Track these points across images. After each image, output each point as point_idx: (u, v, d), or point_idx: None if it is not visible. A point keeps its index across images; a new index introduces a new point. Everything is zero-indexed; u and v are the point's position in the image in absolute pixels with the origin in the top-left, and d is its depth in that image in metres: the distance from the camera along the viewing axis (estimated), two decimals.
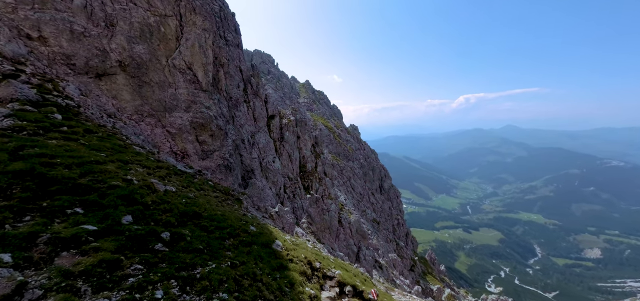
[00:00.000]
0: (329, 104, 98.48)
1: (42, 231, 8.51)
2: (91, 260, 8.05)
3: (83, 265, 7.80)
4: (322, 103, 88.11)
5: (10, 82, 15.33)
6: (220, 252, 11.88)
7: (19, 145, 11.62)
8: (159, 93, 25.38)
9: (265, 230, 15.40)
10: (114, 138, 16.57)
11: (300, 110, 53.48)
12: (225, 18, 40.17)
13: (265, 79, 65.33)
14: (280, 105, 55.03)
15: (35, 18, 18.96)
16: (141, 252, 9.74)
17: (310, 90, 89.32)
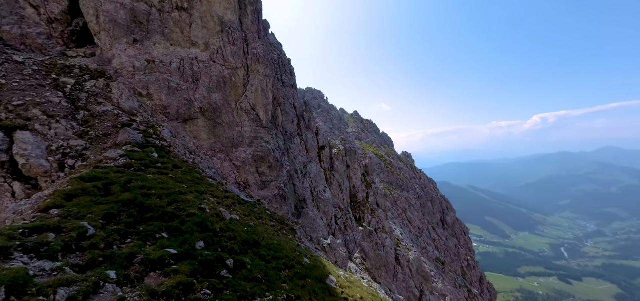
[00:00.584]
0: (379, 132, 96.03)
1: (138, 253, 9.99)
2: (171, 282, 9.01)
3: (165, 286, 8.77)
4: (371, 131, 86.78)
5: (126, 130, 19.43)
6: (276, 284, 12.00)
7: (128, 179, 14.34)
8: (228, 132, 28.79)
9: (319, 263, 15.08)
10: (193, 172, 19.11)
11: (349, 139, 53.65)
12: (282, 64, 44.61)
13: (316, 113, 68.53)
14: (330, 136, 56.44)
15: (145, 80, 24.20)
16: (210, 277, 10.52)
17: (358, 120, 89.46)
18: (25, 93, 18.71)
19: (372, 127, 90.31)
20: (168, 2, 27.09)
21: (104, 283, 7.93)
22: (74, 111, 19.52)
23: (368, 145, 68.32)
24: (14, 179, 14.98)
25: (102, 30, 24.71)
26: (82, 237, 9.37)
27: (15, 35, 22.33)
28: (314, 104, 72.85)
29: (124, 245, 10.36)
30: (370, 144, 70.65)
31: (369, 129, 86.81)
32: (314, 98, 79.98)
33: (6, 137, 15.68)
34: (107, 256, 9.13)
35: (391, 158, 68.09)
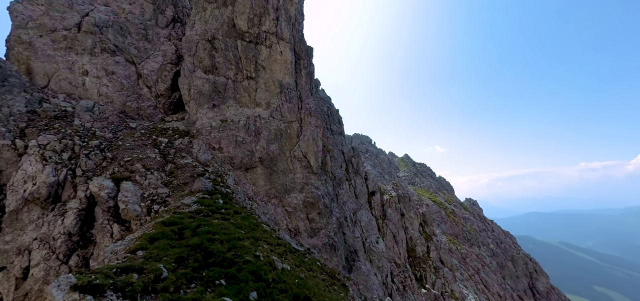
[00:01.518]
0: (434, 176, 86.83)
1: (200, 299, 10.26)
2: None
3: None
4: (426, 175, 79.46)
5: (200, 179, 22.00)
6: None
7: (198, 224, 15.67)
8: (282, 178, 30.14)
9: None
10: (251, 218, 19.96)
11: (401, 184, 50.13)
12: (331, 114, 46.81)
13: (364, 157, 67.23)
14: (379, 180, 53.88)
15: (218, 136, 27.88)
16: None
17: (410, 163, 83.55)
18: (133, 151, 23.35)
19: (426, 171, 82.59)
20: (240, 74, 32.09)
21: None
22: (164, 164, 23.29)
23: (423, 191, 61.84)
24: (114, 222, 17.93)
25: (191, 100, 30.24)
26: (157, 279, 10.14)
27: (133, 108, 28.96)
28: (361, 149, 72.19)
29: (189, 290, 10.81)
30: (425, 189, 63.90)
31: (423, 173, 79.58)
32: (362, 143, 79.69)
33: (115, 187, 19.30)
34: (175, 300, 9.57)
35: (452, 205, 59.48)
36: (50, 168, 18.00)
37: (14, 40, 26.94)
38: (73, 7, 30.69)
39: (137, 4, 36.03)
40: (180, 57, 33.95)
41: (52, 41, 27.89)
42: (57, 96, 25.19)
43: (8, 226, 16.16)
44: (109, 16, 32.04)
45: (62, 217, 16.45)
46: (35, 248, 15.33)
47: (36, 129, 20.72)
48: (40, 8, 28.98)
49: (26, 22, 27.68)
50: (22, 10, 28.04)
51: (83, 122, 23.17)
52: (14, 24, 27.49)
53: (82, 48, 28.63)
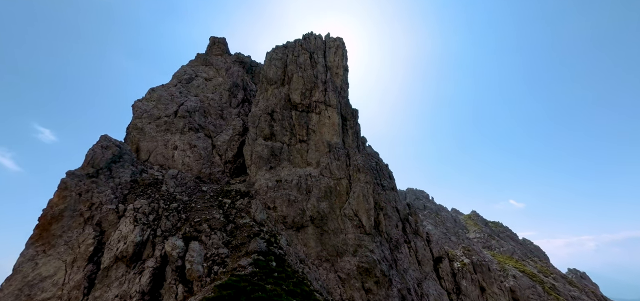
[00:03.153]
0: (516, 238, 68.18)
1: None
2: None
3: None
4: (504, 237, 63.36)
5: (256, 239, 21.75)
6: None
7: (252, 289, 14.63)
8: (333, 239, 27.93)
9: None
10: (303, 284, 18.02)
11: (473, 248, 40.94)
12: (380, 169, 44.59)
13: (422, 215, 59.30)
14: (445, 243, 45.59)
15: (273, 196, 28.48)
16: None
17: (480, 222, 68.92)
18: (202, 212, 25.16)
19: (503, 231, 66.16)
20: (294, 139, 34.15)
21: None
22: (226, 223, 24.16)
23: (505, 257, 48.20)
24: (179, 282, 18.23)
25: (252, 163, 32.72)
26: None
27: (206, 174, 32.55)
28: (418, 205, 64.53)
29: None
30: (507, 256, 49.78)
31: (501, 234, 63.91)
32: (417, 198, 71.80)
33: (185, 246, 20.29)
34: None
35: (551, 278, 44.10)
36: (138, 228, 20.25)
37: (132, 127, 34.80)
38: (173, 100, 39.10)
39: (217, 92, 44.07)
40: (246, 129, 38.46)
41: (156, 125, 35.12)
42: (153, 167, 30.20)
43: (100, 282, 17.88)
44: (197, 103, 39.55)
45: (139, 275, 17.54)
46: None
47: (134, 195, 24.46)
48: (152, 103, 37.73)
49: (141, 114, 35.92)
50: (140, 106, 36.86)
51: (168, 188, 26.60)
52: (134, 116, 35.91)
53: (175, 129, 35.11)
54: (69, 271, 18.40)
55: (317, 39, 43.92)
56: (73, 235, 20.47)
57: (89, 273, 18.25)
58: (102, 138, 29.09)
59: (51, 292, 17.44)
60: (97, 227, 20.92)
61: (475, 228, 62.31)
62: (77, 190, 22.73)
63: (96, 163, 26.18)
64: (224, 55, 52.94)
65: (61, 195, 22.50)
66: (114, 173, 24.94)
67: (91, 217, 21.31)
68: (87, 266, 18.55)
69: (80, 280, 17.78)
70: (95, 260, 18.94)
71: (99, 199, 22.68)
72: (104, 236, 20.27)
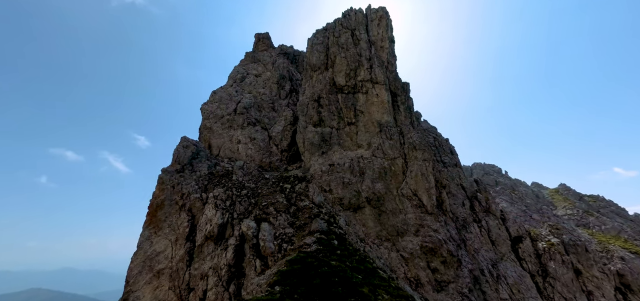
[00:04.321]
0: (625, 214, 53.63)
1: None
2: None
3: None
4: (607, 213, 50.85)
5: (317, 220, 23.34)
6: None
7: (318, 264, 16.04)
8: (392, 219, 27.70)
9: None
10: (366, 262, 18.72)
11: (564, 226, 34.58)
12: (440, 145, 41.23)
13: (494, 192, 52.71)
14: (525, 222, 40.02)
15: (328, 179, 29.69)
16: None
17: (572, 196, 56.62)
18: (268, 197, 28.13)
19: (606, 206, 53.02)
20: (342, 122, 34.42)
21: None
22: (289, 206, 26.55)
23: (610, 237, 39.28)
24: (256, 257, 21.15)
25: (305, 150, 34.55)
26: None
27: (267, 163, 35.89)
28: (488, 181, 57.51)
29: None
30: (612, 235, 40.36)
31: (602, 209, 51.59)
32: (487, 173, 63.96)
33: (257, 226, 23.25)
34: None
35: None
36: (219, 213, 24.09)
37: (202, 127, 40.55)
38: (232, 99, 43.70)
39: (267, 87, 47.23)
40: (296, 118, 40.45)
41: (221, 124, 40.10)
42: (224, 160, 34.87)
43: (196, 256, 22.23)
44: (251, 100, 43.32)
45: (225, 251, 21.10)
46: (211, 274, 20.06)
47: (212, 185, 28.93)
48: (215, 104, 43.00)
49: (208, 115, 41.40)
50: (206, 108, 42.46)
51: (238, 177, 30.51)
52: (203, 117, 41.66)
53: (237, 125, 39.43)
54: (174, 248, 23.36)
55: (358, 13, 42.08)
56: (173, 219, 25.69)
57: (188, 249, 22.83)
58: (182, 140, 34.91)
59: (164, 263, 22.57)
60: (189, 212, 25.72)
61: (565, 204, 52.04)
62: (171, 183, 28.19)
63: (181, 161, 31.78)
64: (269, 49, 55.85)
65: (160, 188, 28.31)
66: (195, 167, 29.90)
67: (183, 205, 26.28)
68: (186, 244, 23.21)
69: (183, 255, 22.44)
70: (191, 238, 23.50)
71: (187, 190, 27.68)
72: (194, 219, 24.87)
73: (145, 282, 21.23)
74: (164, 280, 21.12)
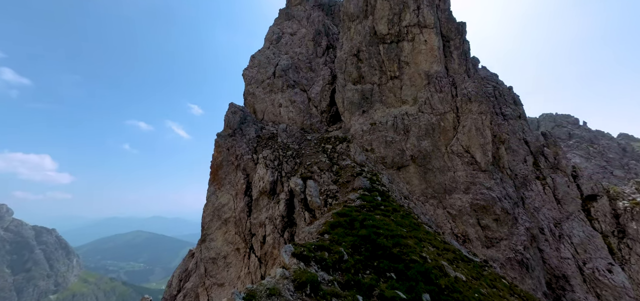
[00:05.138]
0: None
1: (375, 286, 11.03)
2: None
3: None
4: None
5: (359, 178, 24.24)
6: None
7: (363, 217, 17.24)
8: (439, 177, 27.01)
9: None
10: (410, 217, 19.31)
11: None
12: (500, 95, 36.43)
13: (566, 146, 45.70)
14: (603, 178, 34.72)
15: (369, 139, 29.68)
16: None
17: None
18: (311, 157, 29.84)
19: None
20: (384, 77, 32.67)
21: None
22: (331, 166, 27.91)
23: None
24: (305, 210, 23.52)
25: (345, 110, 34.47)
26: (340, 260, 12.03)
27: (308, 125, 37.18)
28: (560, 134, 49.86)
29: (365, 275, 11.95)
30: None
31: None
32: (558, 125, 55.11)
33: (303, 184, 25.35)
34: (355, 281, 10.89)
35: None
36: (269, 172, 26.81)
37: (246, 93, 43.07)
38: (270, 62, 44.60)
39: (303, 46, 46.45)
40: (335, 76, 39.73)
41: (262, 89, 41.95)
42: (268, 124, 37.30)
43: (254, 208, 25.77)
44: (288, 61, 43.56)
45: (278, 204, 23.96)
46: (267, 223, 23.34)
47: (261, 147, 31.74)
48: (255, 69, 44.57)
49: (250, 81, 43.45)
50: (247, 73, 44.42)
51: (282, 139, 32.69)
52: (245, 83, 43.96)
53: (276, 88, 40.81)
54: (235, 201, 27.34)
55: None
56: (231, 177, 29.58)
57: (247, 202, 26.51)
58: (230, 106, 38.01)
59: (229, 214, 26.83)
60: (244, 171, 29.19)
61: None
62: (226, 146, 31.81)
63: (231, 126, 35.10)
64: (302, 3, 53.43)
65: (217, 150, 32.26)
66: (244, 131, 32.87)
67: (238, 165, 29.79)
68: (245, 198, 26.90)
69: (243, 207, 26.23)
70: (248, 193, 27.05)
71: (240, 151, 31.02)
72: (249, 177, 28.25)
73: (216, 228, 25.90)
74: (230, 226, 25.42)
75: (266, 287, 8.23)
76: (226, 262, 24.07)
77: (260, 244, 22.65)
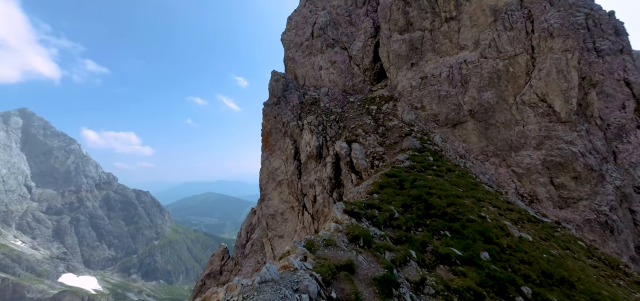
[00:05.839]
0: None
1: (428, 243, 11.39)
2: (461, 283, 9.11)
3: (456, 284, 9.06)
4: None
5: (408, 138, 23.50)
6: None
7: (414, 178, 17.12)
8: (504, 132, 24.31)
9: None
10: (467, 176, 18.38)
11: None
12: (596, 24, 29.08)
13: None
14: None
15: (419, 95, 27.75)
16: (501, 296, 9.24)
17: None
18: (354, 120, 29.69)
19: None
20: (438, 20, 29.02)
21: (409, 258, 9.89)
22: (376, 127, 27.47)
23: None
24: (352, 172, 24.26)
25: (390, 65, 32.38)
26: (391, 217, 12.56)
27: (350, 86, 36.34)
28: None
29: (417, 233, 12.34)
30: None
31: None
32: None
33: (348, 147, 25.81)
34: (407, 237, 11.39)
35: None
36: (315, 137, 27.87)
37: (286, 58, 43.48)
38: (307, 22, 43.38)
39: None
40: (378, 28, 36.87)
41: (301, 52, 41.71)
42: (310, 89, 37.70)
43: (304, 171, 27.64)
44: (326, 17, 41.68)
45: (325, 167, 25.23)
46: (316, 184, 25.04)
47: (305, 113, 32.71)
48: (292, 32, 44.06)
49: (289, 45, 43.42)
50: (285, 37, 44.29)
51: (324, 104, 32.99)
52: (284, 48, 44.16)
53: (316, 50, 40.11)
54: (286, 165, 29.62)
55: None
56: (281, 144, 31.74)
57: (296, 165, 28.50)
58: (272, 74, 39.20)
59: (282, 176, 29.40)
60: (291, 137, 30.93)
61: None
62: (273, 114, 33.69)
63: (275, 94, 36.59)
64: None
65: (265, 119, 34.45)
66: (288, 98, 34.06)
67: (286, 131, 31.58)
68: (294, 162, 28.90)
69: (293, 170, 28.35)
70: (297, 157, 28.92)
71: (286, 119, 32.60)
72: (296, 143, 29.93)
73: (272, 189, 28.91)
74: (284, 187, 28.07)
75: (323, 238, 9.30)
76: (283, 218, 27.16)
77: (312, 203, 24.69)
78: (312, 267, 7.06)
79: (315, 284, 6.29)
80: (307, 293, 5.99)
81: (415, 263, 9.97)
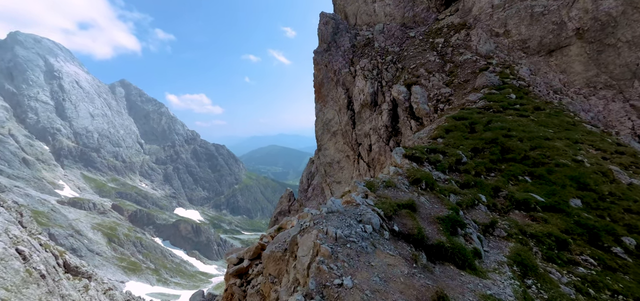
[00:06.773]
0: None
1: (502, 188, 10.73)
2: (541, 228, 8.60)
3: (533, 229, 8.60)
4: None
5: (483, 74, 20.59)
6: None
7: (488, 119, 15.44)
8: (626, 55, 18.89)
9: None
10: (561, 115, 15.63)
11: None
12: None
13: None
14: None
15: (503, 16, 23.09)
16: (593, 246, 8.43)
17: None
18: (415, 58, 27.04)
19: None
20: None
21: (478, 202, 9.65)
22: (443, 65, 24.63)
23: None
24: (411, 118, 23.11)
25: None
26: (458, 162, 12.04)
27: (410, 17, 32.41)
28: None
29: (489, 178, 11.65)
30: None
31: None
32: None
33: (408, 91, 24.21)
34: (477, 182, 10.92)
35: None
36: (369, 83, 26.88)
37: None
38: None
39: None
40: None
41: None
42: (362, 29, 35.20)
43: (358, 120, 27.66)
44: None
45: (380, 115, 24.66)
46: (372, 133, 25.00)
47: (357, 57, 31.29)
48: None
49: None
50: None
51: (379, 43, 30.69)
52: None
53: None
54: (340, 115, 30.01)
55: None
56: (333, 93, 31.84)
57: (350, 115, 28.62)
58: (321, 16, 37.64)
59: (336, 127, 30.17)
60: (343, 86, 30.57)
61: None
62: (324, 62, 33.33)
63: (325, 39, 35.53)
64: None
65: (317, 68, 34.42)
66: (338, 43, 32.79)
67: (338, 80, 31.24)
68: (348, 112, 29.01)
69: (347, 120, 28.65)
70: (350, 107, 28.86)
71: (337, 66, 31.93)
72: (348, 91, 29.56)
73: (327, 139, 30.25)
74: (339, 137, 29.01)
75: (382, 180, 9.69)
76: (340, 166, 28.69)
77: (367, 152, 25.09)
78: (374, 204, 7.68)
79: (378, 217, 6.93)
80: (370, 224, 6.70)
81: (485, 207, 9.70)
